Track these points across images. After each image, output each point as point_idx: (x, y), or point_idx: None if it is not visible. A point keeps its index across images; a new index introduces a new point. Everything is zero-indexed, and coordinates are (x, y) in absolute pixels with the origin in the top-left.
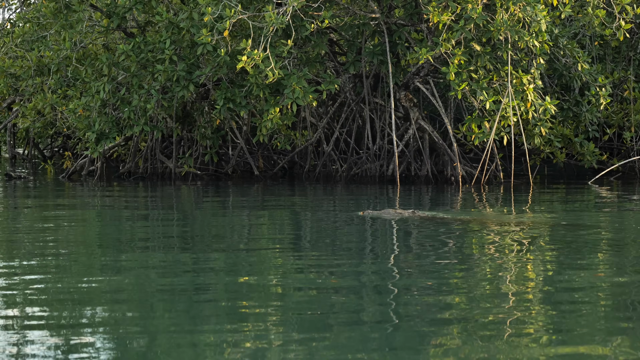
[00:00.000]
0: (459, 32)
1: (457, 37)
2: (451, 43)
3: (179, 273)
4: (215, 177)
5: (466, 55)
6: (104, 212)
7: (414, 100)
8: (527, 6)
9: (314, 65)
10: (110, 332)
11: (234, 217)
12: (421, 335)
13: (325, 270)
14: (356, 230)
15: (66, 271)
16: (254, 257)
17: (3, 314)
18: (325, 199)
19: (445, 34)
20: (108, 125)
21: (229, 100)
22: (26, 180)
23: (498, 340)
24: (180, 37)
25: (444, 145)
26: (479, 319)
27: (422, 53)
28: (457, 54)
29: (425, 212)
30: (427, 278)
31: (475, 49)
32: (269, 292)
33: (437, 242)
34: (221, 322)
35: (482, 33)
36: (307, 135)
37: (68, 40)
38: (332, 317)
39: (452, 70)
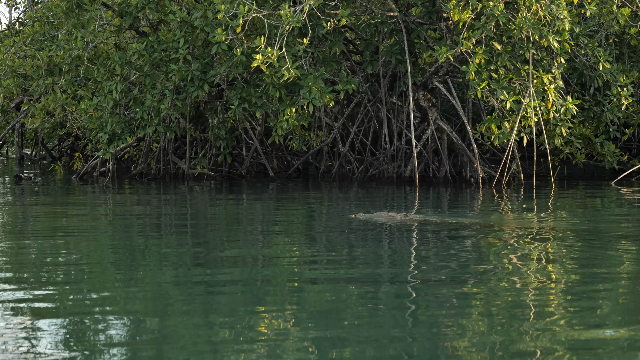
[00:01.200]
0: (480, 31)
1: (478, 36)
2: (471, 42)
3: (194, 275)
4: (228, 178)
5: (487, 54)
6: (119, 214)
7: (433, 100)
8: (551, 4)
9: (330, 65)
10: (125, 329)
11: (250, 218)
12: (439, 335)
13: (342, 269)
14: (374, 232)
15: (83, 271)
16: (271, 258)
17: (16, 311)
18: (342, 200)
19: (465, 32)
20: (120, 126)
21: (244, 100)
22: (36, 181)
23: (519, 343)
24: (194, 36)
25: (462, 146)
26: (499, 316)
27: (442, 52)
28: (478, 52)
29: (418, 215)
30: (442, 277)
31: (496, 47)
32: (285, 294)
33: (448, 245)
34: (237, 320)
35: (502, 31)
36: (321, 135)
37: (80, 39)
38: (348, 313)
39: (472, 70)
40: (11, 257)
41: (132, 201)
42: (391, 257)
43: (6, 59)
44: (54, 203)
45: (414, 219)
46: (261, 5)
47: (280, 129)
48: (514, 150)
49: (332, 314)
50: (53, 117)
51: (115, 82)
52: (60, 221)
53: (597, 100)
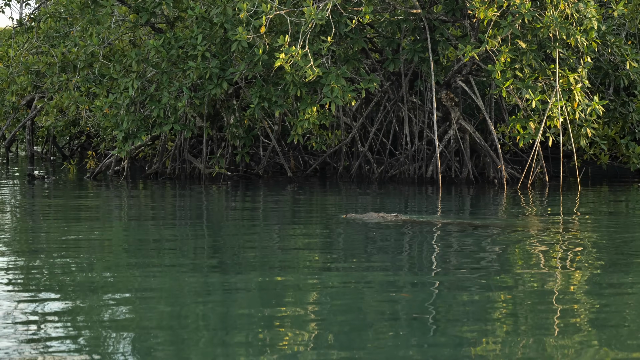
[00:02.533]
0: (507, 29)
1: (505, 34)
2: (497, 40)
3: (210, 279)
4: (244, 177)
5: (513, 52)
6: (135, 216)
7: (455, 100)
8: (579, 2)
9: (351, 63)
10: (140, 333)
11: (268, 220)
12: (461, 337)
13: (362, 273)
14: (396, 235)
15: (98, 273)
16: (289, 260)
17: (29, 315)
18: (362, 201)
19: (491, 30)
20: (136, 124)
21: (264, 99)
22: (50, 180)
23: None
24: (212, 33)
25: (485, 146)
26: (522, 321)
27: (467, 50)
28: (504, 51)
29: (408, 215)
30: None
31: (521, 46)
32: (303, 301)
33: (463, 246)
34: (254, 324)
35: (528, 30)
36: (339, 135)
37: (95, 35)
38: (368, 319)
39: (498, 69)
40: (26, 261)
41: (150, 203)
42: (411, 262)
43: (19, 55)
44: (68, 206)
45: (404, 220)
46: (283, 2)
47: (301, 128)
48: (538, 151)
49: (353, 320)
50: (66, 114)
51: (131, 79)
52: (75, 225)
53: (622, 100)
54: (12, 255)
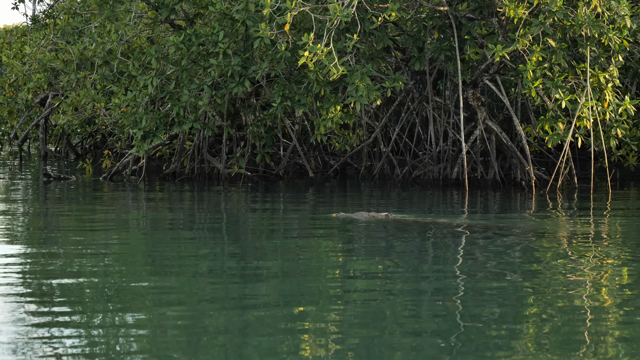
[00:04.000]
0: (538, 27)
1: (536, 33)
2: (528, 39)
3: (229, 283)
4: (264, 178)
5: (544, 52)
6: (155, 218)
7: (482, 99)
8: (611, 0)
9: (376, 61)
10: (157, 337)
11: (289, 224)
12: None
13: (383, 277)
14: (415, 239)
15: (116, 278)
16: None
17: (48, 317)
18: (385, 204)
19: (521, 29)
20: (155, 123)
21: (286, 97)
22: (66, 180)
23: None
24: (233, 30)
25: (512, 147)
26: (552, 336)
27: (498, 50)
28: (535, 50)
29: (399, 215)
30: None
31: (551, 45)
32: (326, 310)
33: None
34: (273, 329)
35: (558, 28)
36: (361, 135)
37: (114, 32)
38: (389, 325)
39: (529, 68)
40: (45, 265)
41: (170, 205)
42: (434, 267)
43: (36, 52)
44: (87, 208)
45: (395, 219)
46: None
47: (324, 127)
48: (567, 152)
49: (375, 327)
50: (81, 113)
51: (150, 77)
52: (94, 229)
53: None
54: (30, 258)
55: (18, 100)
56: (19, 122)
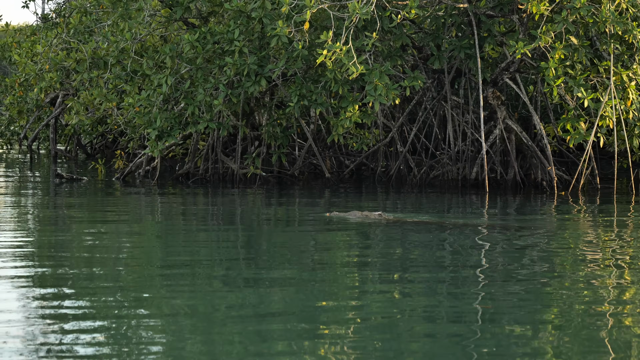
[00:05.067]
0: (562, 24)
1: (559, 29)
2: (550, 36)
3: (245, 289)
4: (279, 179)
5: (566, 49)
6: (172, 220)
7: (502, 98)
8: None
9: (394, 59)
10: (173, 339)
11: (309, 227)
12: None
13: (402, 278)
14: (431, 245)
15: (129, 281)
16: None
17: (61, 322)
18: (403, 205)
19: (544, 26)
20: (169, 122)
21: (303, 97)
22: (79, 181)
23: None
24: (249, 28)
25: (533, 147)
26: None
27: (519, 47)
28: (558, 48)
29: (393, 214)
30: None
31: (573, 42)
32: (343, 317)
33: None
34: (289, 332)
35: (580, 25)
36: (377, 134)
37: (127, 31)
38: (410, 333)
39: (552, 66)
40: (59, 267)
41: (186, 207)
42: (451, 273)
43: (48, 51)
44: (101, 210)
45: (388, 219)
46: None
47: (341, 127)
48: (589, 152)
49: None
50: (92, 112)
51: (165, 75)
52: (110, 231)
53: None
54: (45, 259)
55: (28, 100)
56: (29, 122)
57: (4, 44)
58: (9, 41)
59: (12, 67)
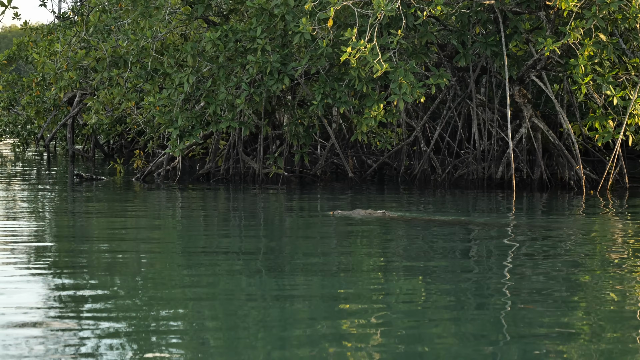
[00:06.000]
0: (591, 20)
1: (589, 25)
2: (579, 32)
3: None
4: (300, 178)
5: (596, 46)
6: (195, 221)
7: (528, 96)
8: None
9: (419, 57)
10: (196, 337)
11: (331, 230)
12: None
13: (426, 278)
14: (452, 241)
15: (153, 279)
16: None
17: (81, 312)
18: (427, 205)
19: (573, 22)
20: (191, 121)
21: (327, 95)
22: (99, 181)
23: None
24: (271, 26)
25: (560, 146)
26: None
27: (547, 44)
28: (587, 44)
29: (396, 213)
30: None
31: (601, 39)
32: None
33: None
34: (313, 327)
35: (608, 22)
36: (400, 133)
37: (148, 29)
38: (436, 332)
39: (581, 63)
40: (83, 265)
41: (209, 207)
42: (475, 272)
43: (67, 50)
44: (124, 210)
45: (392, 217)
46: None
47: (366, 126)
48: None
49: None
50: (111, 112)
51: (186, 74)
52: (132, 231)
53: None
54: (66, 257)
55: (45, 100)
56: (46, 121)
57: (20, 43)
58: (25, 40)
59: (28, 67)
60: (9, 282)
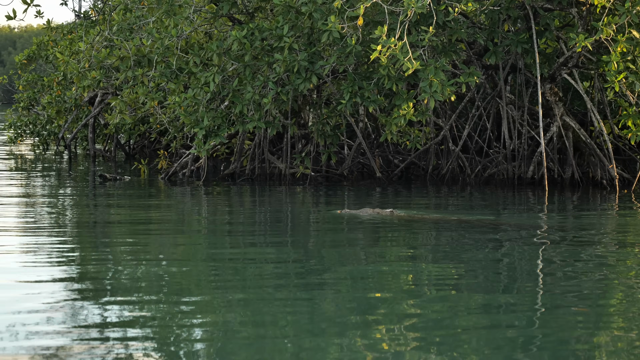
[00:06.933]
0: (625, 16)
1: (622, 22)
2: (612, 28)
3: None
4: (327, 178)
5: (629, 42)
6: (224, 220)
7: (560, 94)
8: None
9: (449, 55)
10: (223, 339)
11: (363, 233)
12: None
13: (456, 280)
14: (487, 244)
15: (179, 281)
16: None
17: (106, 312)
18: (456, 205)
19: (606, 17)
20: (217, 121)
21: (355, 94)
22: (123, 181)
23: None
24: (298, 23)
25: (592, 145)
26: None
27: (580, 40)
28: (620, 40)
29: (404, 211)
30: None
31: (634, 35)
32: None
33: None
34: (344, 328)
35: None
36: (428, 132)
37: (173, 27)
38: (468, 331)
39: (614, 59)
40: (110, 267)
41: (239, 208)
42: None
43: (90, 49)
44: (150, 210)
45: (400, 216)
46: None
47: (395, 125)
48: None
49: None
50: (134, 112)
51: (212, 73)
52: (160, 233)
53: None
54: (93, 257)
55: (66, 99)
56: (67, 121)
57: (39, 43)
58: (45, 39)
59: (48, 66)
60: (45, 288)
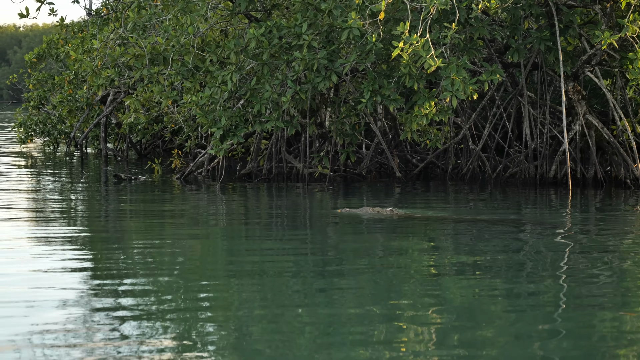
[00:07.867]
0: None
1: None
2: (637, 25)
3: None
4: (345, 178)
5: None
6: (242, 222)
7: (583, 93)
8: None
9: (471, 53)
10: (242, 337)
11: (380, 235)
12: None
13: (476, 278)
14: (503, 240)
15: (199, 279)
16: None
17: (121, 310)
18: (481, 205)
19: (631, 14)
20: (234, 121)
21: (376, 92)
22: (138, 181)
23: None
24: (317, 21)
25: (615, 144)
26: None
27: (605, 37)
28: None
29: (404, 210)
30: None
31: None
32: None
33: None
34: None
35: None
36: (447, 132)
37: (190, 24)
38: (491, 328)
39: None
40: (128, 268)
41: (257, 208)
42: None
43: (104, 47)
44: (168, 210)
45: (399, 214)
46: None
47: (416, 124)
48: None
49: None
50: (148, 111)
51: (230, 72)
52: (179, 233)
53: None
54: (112, 256)
55: (77, 98)
56: (79, 120)
57: (49, 41)
58: (55, 38)
59: (58, 65)
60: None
